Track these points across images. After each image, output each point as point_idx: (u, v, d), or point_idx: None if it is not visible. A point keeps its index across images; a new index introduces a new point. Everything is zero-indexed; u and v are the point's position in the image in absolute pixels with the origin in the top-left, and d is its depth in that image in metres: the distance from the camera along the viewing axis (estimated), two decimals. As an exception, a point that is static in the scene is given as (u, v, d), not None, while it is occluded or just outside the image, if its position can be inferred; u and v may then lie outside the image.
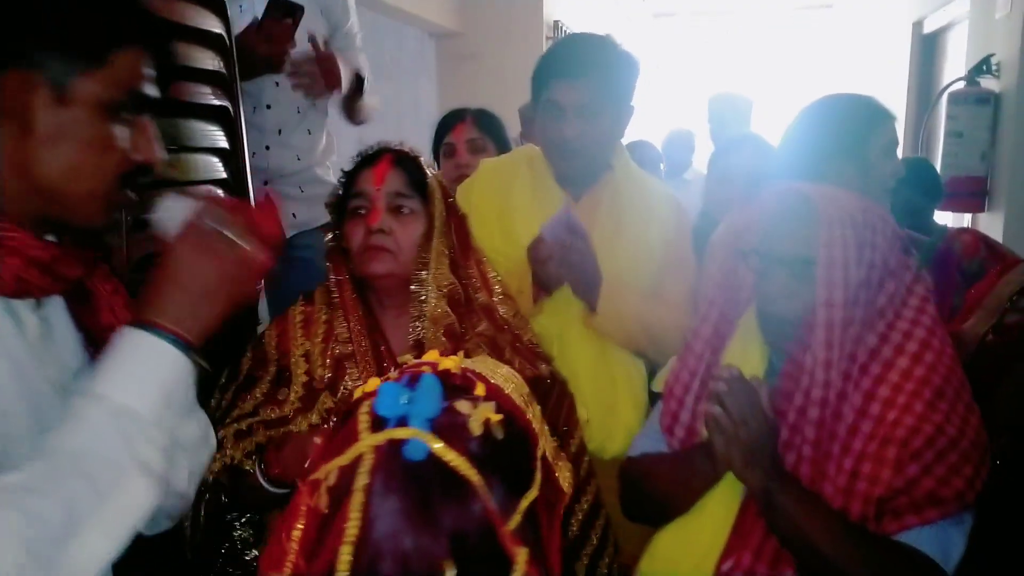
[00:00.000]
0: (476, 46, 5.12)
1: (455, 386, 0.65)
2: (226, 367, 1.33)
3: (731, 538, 1.17)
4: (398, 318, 1.32)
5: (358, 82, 2.32)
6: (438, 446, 0.58)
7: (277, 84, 2.27)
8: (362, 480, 0.58)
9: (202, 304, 0.88)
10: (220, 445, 1.22)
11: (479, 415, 0.62)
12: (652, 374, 1.74)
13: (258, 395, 1.28)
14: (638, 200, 1.71)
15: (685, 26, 8.77)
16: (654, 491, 1.28)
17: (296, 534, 0.60)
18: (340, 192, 1.35)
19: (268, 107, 2.28)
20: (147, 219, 1.32)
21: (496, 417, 0.63)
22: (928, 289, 1.20)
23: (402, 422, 0.60)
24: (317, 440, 0.71)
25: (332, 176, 2.47)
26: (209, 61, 1.46)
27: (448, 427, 0.60)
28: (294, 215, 2.37)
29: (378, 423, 0.61)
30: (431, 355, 0.71)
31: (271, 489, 1.20)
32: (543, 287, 1.62)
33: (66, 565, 0.75)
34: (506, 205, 1.72)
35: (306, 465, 0.69)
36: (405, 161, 1.32)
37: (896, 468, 1.07)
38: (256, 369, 1.31)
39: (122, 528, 0.80)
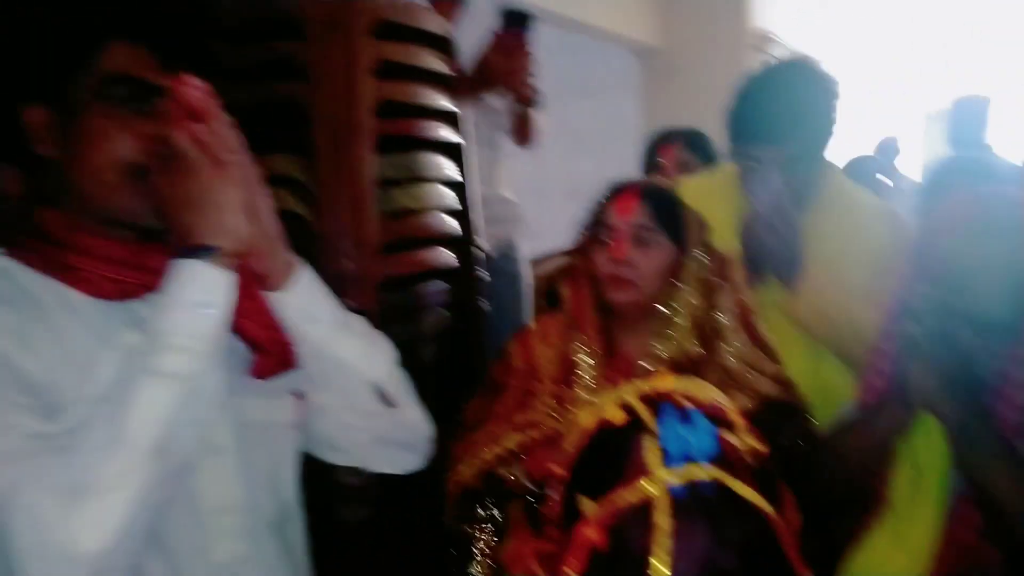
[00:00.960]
0: (680, 62, 5.08)
1: (715, 418, 0.67)
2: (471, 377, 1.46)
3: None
4: (637, 335, 1.39)
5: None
6: (736, 484, 0.61)
7: (475, 123, 2.44)
8: (664, 520, 0.61)
9: (181, 214, 0.91)
10: (474, 450, 1.34)
11: (746, 445, 0.64)
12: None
13: (508, 402, 1.40)
14: (849, 217, 1.66)
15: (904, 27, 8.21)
16: (839, 452, 1.24)
17: (575, 565, 0.64)
18: (589, 219, 1.42)
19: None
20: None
21: (762, 447, 0.65)
22: None
23: (686, 459, 0.63)
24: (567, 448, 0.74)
25: (512, 196, 2.64)
26: (441, 100, 1.59)
27: (728, 461, 0.63)
28: (491, 235, 2.54)
29: (662, 459, 0.64)
30: (662, 379, 0.74)
31: (532, 487, 1.29)
32: (753, 267, 1.61)
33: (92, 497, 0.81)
34: (707, 219, 1.73)
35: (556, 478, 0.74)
36: (653, 194, 1.38)
37: None
38: (503, 377, 1.44)
39: (144, 425, 0.84)
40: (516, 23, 2.04)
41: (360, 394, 1.07)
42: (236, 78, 1.36)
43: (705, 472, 0.61)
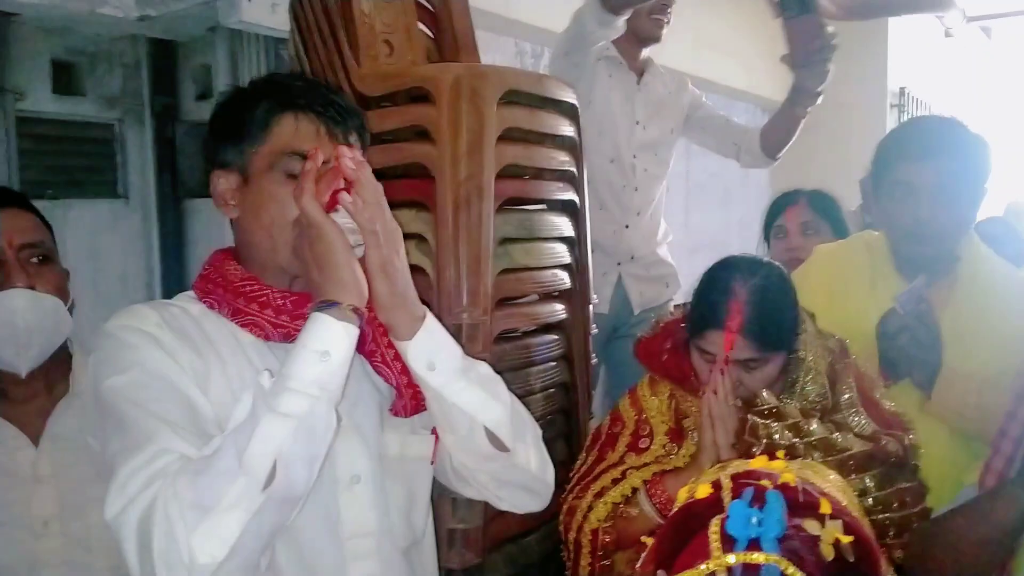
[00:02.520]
0: (811, 116, 5.00)
1: (798, 503, 0.66)
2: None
3: None
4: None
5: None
6: (796, 573, 0.61)
7: (646, 170, 2.54)
8: None
9: (311, 272, 1.04)
10: (600, 493, 1.39)
11: (828, 536, 0.63)
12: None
13: (621, 448, 1.45)
14: (990, 293, 1.60)
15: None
16: (954, 533, 1.19)
17: None
18: (689, 322, 1.42)
19: (635, 189, 2.55)
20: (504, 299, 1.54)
21: (846, 538, 0.63)
22: None
23: (753, 543, 0.63)
24: (689, 488, 0.75)
25: (671, 257, 2.68)
26: (562, 161, 1.65)
27: (799, 549, 0.62)
28: (641, 293, 2.61)
29: (728, 541, 0.64)
30: (760, 461, 0.74)
31: (658, 519, 1.33)
32: (888, 371, 1.58)
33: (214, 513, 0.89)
34: (842, 293, 1.70)
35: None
36: (755, 323, 1.31)
37: None
38: (614, 427, 1.50)
39: (261, 457, 0.92)
40: (797, 6, 1.97)
41: (474, 438, 1.15)
42: (373, 140, 1.48)
43: (763, 557, 0.61)
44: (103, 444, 1.02)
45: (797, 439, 1.32)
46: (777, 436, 1.32)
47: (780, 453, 0.79)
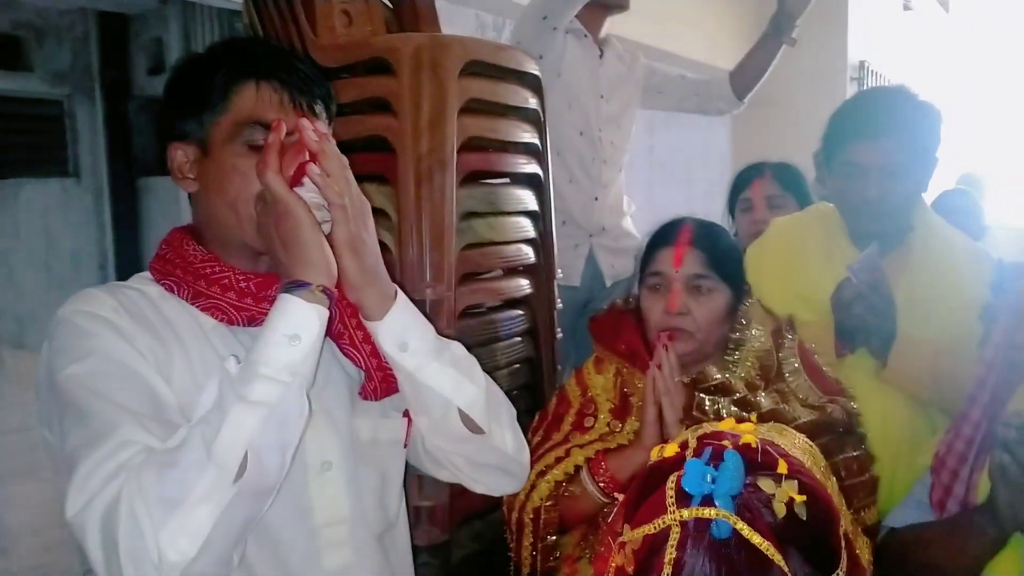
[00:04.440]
0: (772, 90, 5.02)
1: (756, 462, 0.67)
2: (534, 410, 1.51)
3: None
4: (689, 365, 1.39)
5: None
6: (744, 528, 0.61)
7: (612, 143, 2.56)
8: (670, 554, 0.62)
9: (277, 251, 1.00)
10: (543, 472, 1.37)
11: (782, 495, 0.64)
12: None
13: (566, 427, 1.43)
14: (944, 261, 1.63)
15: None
16: (925, 563, 1.21)
17: None
18: (641, 264, 1.44)
19: (604, 162, 2.56)
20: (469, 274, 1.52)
21: (800, 498, 0.64)
22: None
23: (707, 499, 0.63)
24: (649, 452, 0.75)
25: (635, 229, 2.71)
26: (526, 134, 1.63)
27: (752, 506, 0.63)
28: (612, 265, 2.63)
29: (683, 497, 0.65)
30: (727, 424, 0.75)
31: (600, 497, 1.32)
32: (845, 340, 1.59)
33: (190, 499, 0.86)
34: (798, 265, 1.71)
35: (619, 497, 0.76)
36: (704, 240, 1.36)
37: None
38: (560, 407, 1.48)
39: (232, 448, 0.88)
40: None
41: (449, 420, 1.13)
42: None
43: (714, 512, 0.62)
44: (61, 437, 0.96)
45: (745, 413, 1.33)
46: (725, 412, 1.32)
47: (753, 417, 0.80)
